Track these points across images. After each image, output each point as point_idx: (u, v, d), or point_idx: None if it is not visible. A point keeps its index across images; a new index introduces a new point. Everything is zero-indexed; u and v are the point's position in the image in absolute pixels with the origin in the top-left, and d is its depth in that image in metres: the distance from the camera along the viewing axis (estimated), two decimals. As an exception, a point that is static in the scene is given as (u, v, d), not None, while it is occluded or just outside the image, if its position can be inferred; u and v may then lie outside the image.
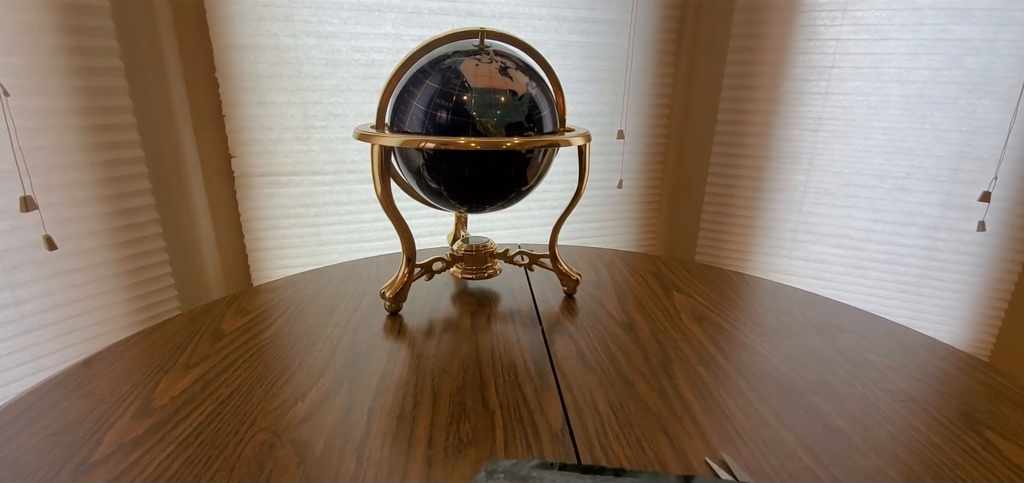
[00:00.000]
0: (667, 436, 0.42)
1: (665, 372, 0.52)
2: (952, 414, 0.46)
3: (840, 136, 1.26)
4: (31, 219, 0.84)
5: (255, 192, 1.11)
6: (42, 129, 0.83)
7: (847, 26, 1.19)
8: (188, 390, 0.47)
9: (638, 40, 1.28)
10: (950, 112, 1.16)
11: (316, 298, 0.67)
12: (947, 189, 1.21)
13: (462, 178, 0.55)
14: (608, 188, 1.39)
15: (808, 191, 1.32)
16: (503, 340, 0.57)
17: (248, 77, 1.03)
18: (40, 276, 0.87)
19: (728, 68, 1.32)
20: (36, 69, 0.81)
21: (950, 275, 1.26)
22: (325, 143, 1.12)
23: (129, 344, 0.55)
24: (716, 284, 0.75)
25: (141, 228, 0.98)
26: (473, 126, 0.51)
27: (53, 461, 0.38)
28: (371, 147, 0.54)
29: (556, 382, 0.50)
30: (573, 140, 0.56)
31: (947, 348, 0.58)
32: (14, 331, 0.85)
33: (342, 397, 0.46)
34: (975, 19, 1.10)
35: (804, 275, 1.38)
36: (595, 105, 1.29)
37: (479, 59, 0.53)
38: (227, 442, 0.40)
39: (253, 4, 0.99)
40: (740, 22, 1.27)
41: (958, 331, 1.30)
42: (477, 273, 0.70)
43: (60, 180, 0.86)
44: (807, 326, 0.62)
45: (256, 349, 0.54)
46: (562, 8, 1.18)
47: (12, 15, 0.78)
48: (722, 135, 1.37)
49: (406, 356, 0.54)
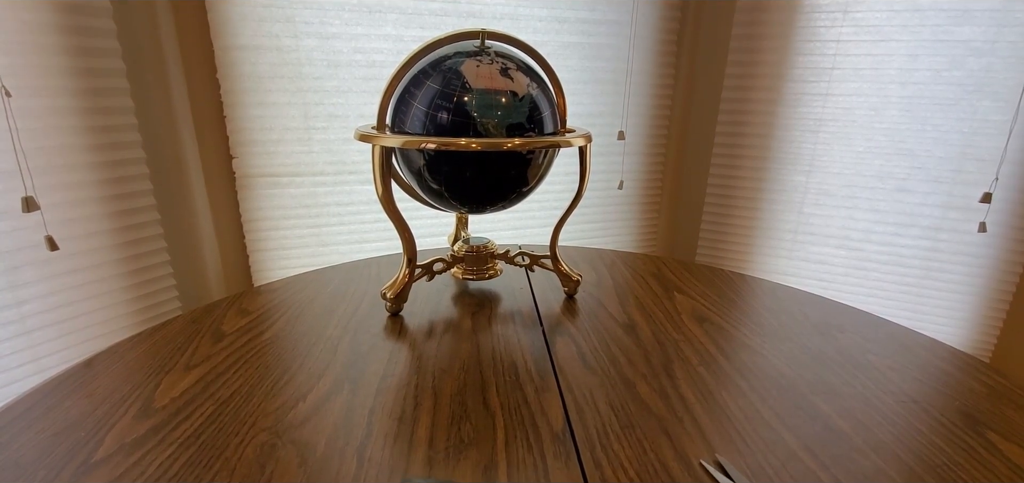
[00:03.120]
0: (668, 437, 0.42)
1: (666, 373, 0.52)
2: (953, 415, 0.46)
3: (841, 137, 1.26)
4: (33, 219, 0.84)
5: (256, 193, 1.12)
6: (44, 130, 0.83)
7: (848, 27, 1.19)
8: (189, 391, 0.47)
9: (639, 41, 1.28)
10: (951, 113, 1.16)
11: (317, 299, 0.67)
12: (948, 190, 1.21)
13: (463, 179, 0.55)
14: (609, 189, 1.39)
15: (809, 192, 1.32)
16: (504, 341, 0.57)
17: (249, 78, 1.03)
18: (42, 276, 0.87)
19: (729, 69, 1.32)
20: (38, 70, 0.81)
21: (951, 276, 1.26)
22: (326, 144, 1.12)
23: (130, 345, 0.55)
24: (717, 285, 0.75)
25: (142, 229, 0.98)
26: (474, 127, 0.51)
27: (54, 461, 0.38)
28: (372, 148, 0.55)
29: (557, 383, 0.50)
30: (574, 141, 0.56)
31: (948, 349, 0.58)
32: (16, 331, 0.85)
33: (343, 398, 0.46)
34: (976, 20, 1.10)
35: (805, 276, 1.38)
36: (596, 106, 1.29)
37: (480, 60, 0.53)
38: (228, 443, 0.41)
39: (254, 5, 0.99)
40: (740, 23, 1.28)
41: (959, 332, 1.30)
42: (478, 274, 0.70)
43: (62, 180, 0.86)
44: (808, 327, 0.62)
45: (257, 350, 0.54)
46: (563, 9, 1.18)
47: (14, 15, 0.78)
48: (723, 136, 1.37)
49: (407, 357, 0.54)
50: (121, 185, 0.94)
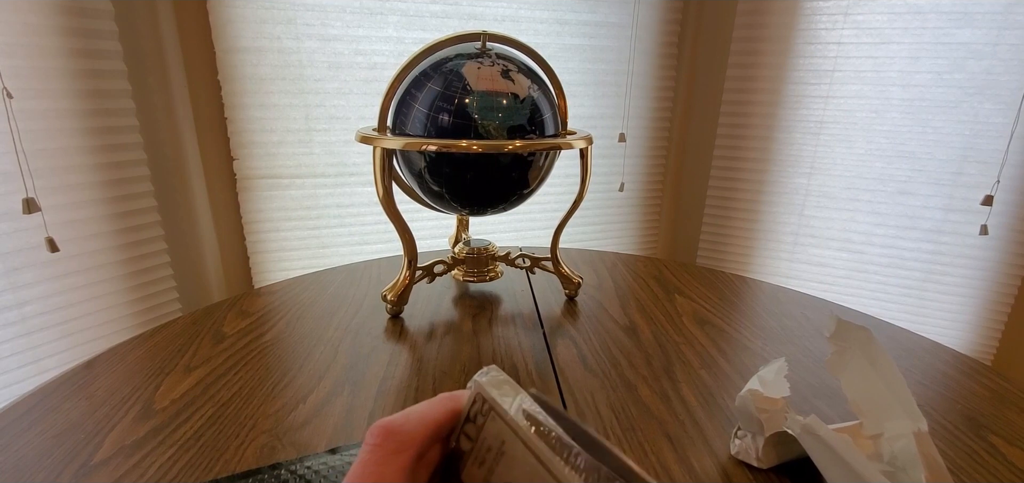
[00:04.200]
0: (669, 440, 0.42)
1: (667, 375, 0.52)
2: (956, 419, 0.46)
3: (842, 140, 1.26)
4: (34, 221, 0.84)
5: (257, 194, 1.12)
6: (45, 131, 0.83)
7: (849, 30, 1.19)
8: (189, 392, 0.47)
9: (640, 43, 1.28)
10: (952, 116, 1.16)
11: (317, 301, 0.67)
12: (949, 193, 1.21)
13: (464, 181, 0.55)
14: (610, 191, 1.39)
15: (810, 194, 1.32)
16: (505, 343, 0.57)
17: (250, 80, 1.04)
18: (42, 278, 0.87)
19: (729, 71, 1.32)
20: (40, 72, 0.81)
21: (953, 279, 1.26)
22: (327, 146, 1.12)
23: (130, 346, 0.55)
24: (718, 287, 0.75)
25: (143, 230, 0.98)
26: (475, 129, 0.51)
27: (54, 463, 0.38)
28: (373, 150, 0.55)
29: (558, 385, 0.50)
30: (575, 143, 0.56)
31: (951, 352, 0.58)
32: (16, 333, 0.85)
33: (343, 400, 0.46)
34: (977, 23, 1.10)
35: (806, 279, 1.38)
36: (597, 108, 1.30)
37: (481, 62, 0.53)
38: (228, 445, 0.40)
39: (256, 7, 0.99)
40: (741, 26, 1.28)
41: (961, 335, 1.30)
42: (478, 276, 0.70)
43: (63, 182, 0.86)
44: (809, 329, 0.62)
45: (257, 352, 0.54)
46: (564, 12, 1.19)
47: (16, 18, 0.78)
48: (723, 138, 1.37)
49: (407, 359, 0.53)
50: (122, 187, 0.94)
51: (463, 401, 0.20)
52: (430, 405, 0.20)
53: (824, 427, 0.33)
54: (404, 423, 0.19)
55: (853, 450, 0.31)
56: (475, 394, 0.20)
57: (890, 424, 0.35)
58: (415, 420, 0.19)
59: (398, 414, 0.19)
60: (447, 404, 0.20)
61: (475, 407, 0.20)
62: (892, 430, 0.35)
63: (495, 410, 0.19)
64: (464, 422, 0.20)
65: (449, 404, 0.20)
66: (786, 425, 0.36)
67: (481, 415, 0.19)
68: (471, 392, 0.20)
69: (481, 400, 0.19)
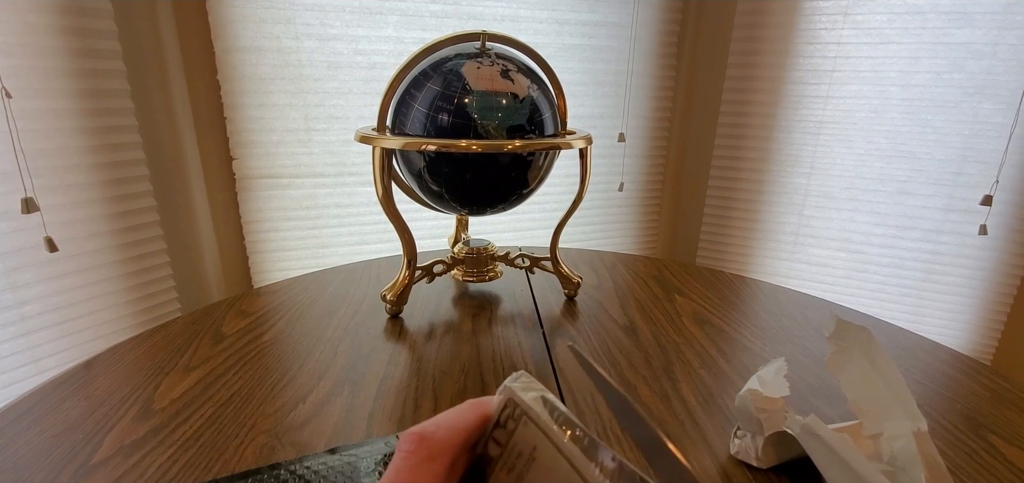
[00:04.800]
0: (669, 440, 0.42)
1: (667, 375, 0.52)
2: (956, 418, 0.46)
3: (841, 140, 1.26)
4: (32, 221, 0.84)
5: (256, 194, 1.12)
6: (44, 131, 0.83)
7: (848, 30, 1.19)
8: (189, 392, 0.47)
9: (639, 43, 1.28)
10: (951, 116, 1.16)
11: (317, 300, 0.67)
12: (949, 193, 1.21)
13: (463, 181, 0.55)
14: (609, 191, 1.39)
15: (809, 194, 1.32)
16: (504, 343, 0.57)
17: (250, 79, 1.03)
18: (41, 278, 0.87)
19: (729, 71, 1.32)
20: (39, 71, 0.81)
21: (952, 279, 1.26)
22: (326, 145, 1.12)
23: (130, 346, 0.55)
24: (717, 287, 0.75)
25: (142, 230, 0.98)
26: (474, 129, 0.51)
27: (53, 463, 0.38)
28: (372, 149, 0.54)
29: (558, 385, 0.50)
30: (574, 143, 0.56)
31: (950, 352, 0.58)
32: (15, 333, 0.85)
33: (343, 400, 0.46)
34: (976, 23, 1.10)
35: (805, 279, 1.38)
36: (596, 108, 1.29)
37: (481, 62, 0.53)
38: (228, 445, 0.40)
39: (255, 7, 0.99)
40: (741, 26, 1.28)
41: (961, 335, 1.30)
42: (478, 276, 0.70)
43: (62, 182, 0.86)
44: (809, 329, 0.62)
45: (257, 351, 0.54)
46: (563, 11, 1.19)
47: (15, 17, 0.78)
48: (723, 138, 1.37)
49: (407, 359, 0.53)
50: (121, 186, 0.94)
51: (490, 407, 0.20)
52: (460, 412, 0.20)
53: (824, 427, 0.33)
54: (436, 430, 0.18)
55: (853, 450, 0.31)
56: (506, 399, 0.20)
57: (890, 424, 0.35)
58: (446, 427, 0.19)
59: (429, 421, 0.19)
60: (476, 410, 0.20)
61: (506, 412, 0.19)
62: (892, 430, 0.34)
63: (528, 415, 0.19)
64: (493, 427, 0.20)
65: (478, 410, 0.20)
66: (786, 425, 0.36)
67: (512, 420, 0.19)
68: (502, 397, 0.20)
69: (512, 405, 0.19)
